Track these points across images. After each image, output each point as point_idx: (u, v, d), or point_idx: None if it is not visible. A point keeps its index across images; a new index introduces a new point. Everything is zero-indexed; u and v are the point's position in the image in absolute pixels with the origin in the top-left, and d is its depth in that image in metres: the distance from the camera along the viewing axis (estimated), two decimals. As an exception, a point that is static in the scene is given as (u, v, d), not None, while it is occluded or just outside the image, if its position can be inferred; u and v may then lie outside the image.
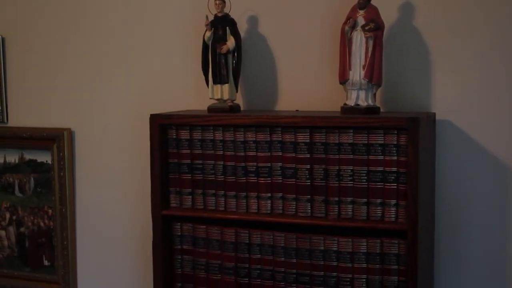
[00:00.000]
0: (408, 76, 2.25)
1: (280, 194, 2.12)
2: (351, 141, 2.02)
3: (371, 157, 2.01)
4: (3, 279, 2.93)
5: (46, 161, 2.80)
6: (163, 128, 2.23)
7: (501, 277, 2.21)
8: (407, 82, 2.25)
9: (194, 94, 2.48)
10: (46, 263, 2.85)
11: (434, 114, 2.21)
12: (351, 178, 2.03)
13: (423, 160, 2.00)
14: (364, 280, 2.05)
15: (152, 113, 2.23)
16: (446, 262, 2.26)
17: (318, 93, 2.32)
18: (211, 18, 2.25)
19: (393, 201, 2.00)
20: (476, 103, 2.19)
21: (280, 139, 2.10)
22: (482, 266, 2.23)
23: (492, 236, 2.21)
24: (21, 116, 2.85)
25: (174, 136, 2.23)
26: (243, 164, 2.15)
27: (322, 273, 2.09)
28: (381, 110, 2.19)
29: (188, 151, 2.22)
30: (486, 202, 2.20)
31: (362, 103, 2.09)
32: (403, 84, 2.25)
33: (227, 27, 2.23)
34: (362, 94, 2.09)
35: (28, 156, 2.85)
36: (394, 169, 1.99)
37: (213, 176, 2.20)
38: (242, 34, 2.30)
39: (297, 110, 2.31)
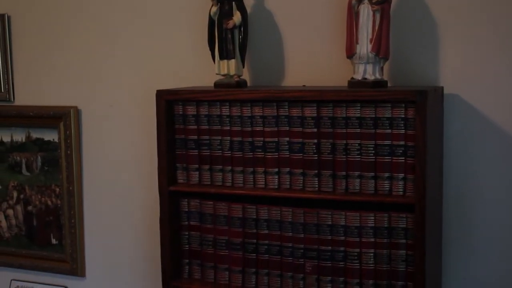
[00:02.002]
0: (416, 50, 2.23)
1: (287, 169, 2.11)
2: (358, 115, 2.01)
3: (378, 131, 2.00)
4: (11, 257, 2.94)
5: (53, 139, 2.80)
6: (170, 104, 2.22)
7: (510, 250, 2.21)
8: (414, 56, 2.23)
9: (200, 69, 2.46)
10: (53, 241, 2.86)
11: (442, 88, 2.19)
12: (358, 152, 2.02)
13: (431, 134, 1.98)
14: (372, 254, 2.04)
15: (158, 89, 2.22)
16: (454, 236, 2.25)
17: (325, 68, 2.31)
18: (217, -7, 2.23)
19: (401, 175, 1.99)
20: (484, 77, 2.17)
21: (287, 113, 2.09)
22: (490, 240, 2.22)
23: (500, 209, 2.20)
24: (28, 94, 2.85)
25: (181, 112, 2.22)
26: (250, 139, 2.15)
27: (329, 247, 2.09)
28: (389, 84, 2.17)
29: (195, 127, 2.21)
30: (494, 175, 2.19)
31: (370, 76, 2.08)
32: (410, 57, 2.23)
33: (233, 2, 2.21)
34: (370, 67, 2.07)
35: (35, 134, 2.84)
36: (402, 142, 1.97)
37: (220, 151, 2.19)
38: (248, 9, 2.28)
39: (304, 86, 2.29)
